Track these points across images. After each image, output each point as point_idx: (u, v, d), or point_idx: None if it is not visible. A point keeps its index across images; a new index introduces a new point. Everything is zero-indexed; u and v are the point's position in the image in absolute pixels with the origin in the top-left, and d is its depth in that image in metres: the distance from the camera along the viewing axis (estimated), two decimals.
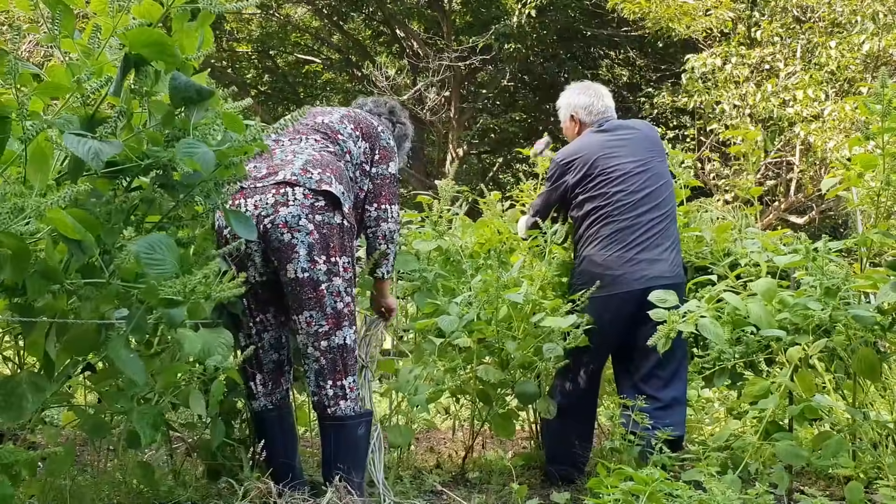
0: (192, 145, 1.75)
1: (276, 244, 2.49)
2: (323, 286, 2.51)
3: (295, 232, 2.47)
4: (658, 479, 1.94)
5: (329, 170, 2.58)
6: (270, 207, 2.48)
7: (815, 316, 2.51)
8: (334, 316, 2.54)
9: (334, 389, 2.55)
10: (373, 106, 3.13)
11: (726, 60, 9.93)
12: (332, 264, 2.52)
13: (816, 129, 9.04)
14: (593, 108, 3.52)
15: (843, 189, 3.09)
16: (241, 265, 2.57)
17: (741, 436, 3.21)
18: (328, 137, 2.74)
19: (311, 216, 2.49)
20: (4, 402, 1.77)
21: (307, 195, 2.49)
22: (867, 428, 2.75)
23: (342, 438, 2.57)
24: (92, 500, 2.56)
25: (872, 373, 2.59)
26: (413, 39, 15.21)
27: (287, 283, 2.54)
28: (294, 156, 2.61)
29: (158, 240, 1.74)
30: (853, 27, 9.44)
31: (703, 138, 11.14)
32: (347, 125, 2.81)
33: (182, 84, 1.79)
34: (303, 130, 2.74)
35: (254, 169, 2.56)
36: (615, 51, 15.96)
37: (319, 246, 2.49)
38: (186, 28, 1.89)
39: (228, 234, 2.54)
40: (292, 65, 16.97)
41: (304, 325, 2.55)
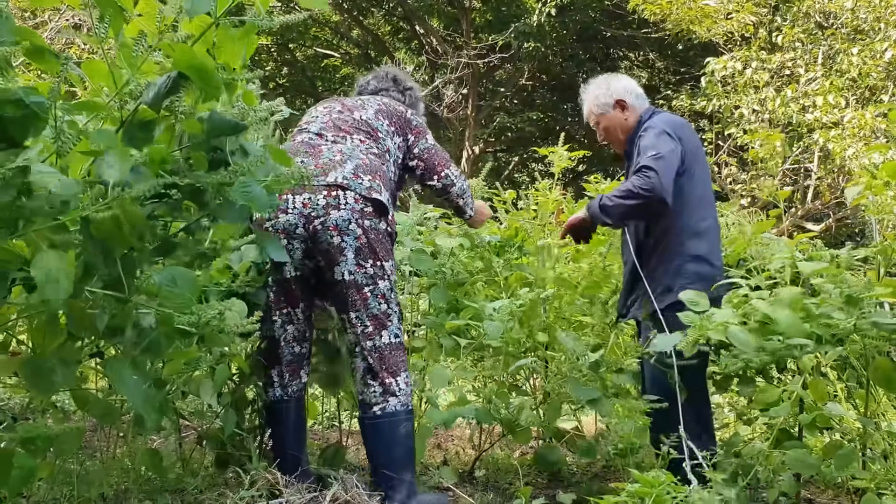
0: (247, 185, 1.78)
1: (325, 246, 2.55)
2: (367, 289, 2.58)
3: (344, 235, 2.53)
4: (664, 482, 1.93)
5: (378, 177, 2.63)
6: (321, 209, 2.52)
7: (841, 326, 2.46)
8: (378, 317, 2.60)
9: (382, 387, 2.58)
10: (376, 83, 3.15)
11: (746, 65, 9.88)
12: (378, 268, 2.59)
13: (836, 136, 8.98)
14: (637, 92, 3.26)
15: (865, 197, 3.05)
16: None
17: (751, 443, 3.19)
18: (370, 137, 2.77)
19: (360, 221, 2.54)
20: (34, 377, 1.81)
21: (357, 200, 2.54)
22: (878, 438, 2.73)
23: (389, 437, 2.58)
24: (100, 485, 2.58)
25: (889, 382, 2.56)
26: (432, 36, 15.20)
27: (333, 283, 2.60)
28: (343, 157, 2.63)
29: (181, 273, 1.77)
30: (876, 34, 9.36)
31: (720, 142, 11.09)
32: (384, 121, 2.83)
33: (217, 122, 1.83)
34: (345, 128, 2.76)
35: (301, 165, 2.57)
36: (635, 52, 15.91)
37: (367, 250, 2.56)
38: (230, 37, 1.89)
39: (270, 226, 2.57)
40: (311, 58, 17.02)
41: (350, 325, 2.62)
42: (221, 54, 1.90)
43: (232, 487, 2.58)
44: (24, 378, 1.85)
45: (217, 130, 1.83)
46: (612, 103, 3.21)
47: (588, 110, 3.31)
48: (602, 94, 3.24)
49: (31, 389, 1.86)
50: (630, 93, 3.23)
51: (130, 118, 1.78)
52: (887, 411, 3.20)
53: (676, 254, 2.94)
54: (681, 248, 2.94)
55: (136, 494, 2.58)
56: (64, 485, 2.54)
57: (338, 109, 2.84)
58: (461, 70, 14.09)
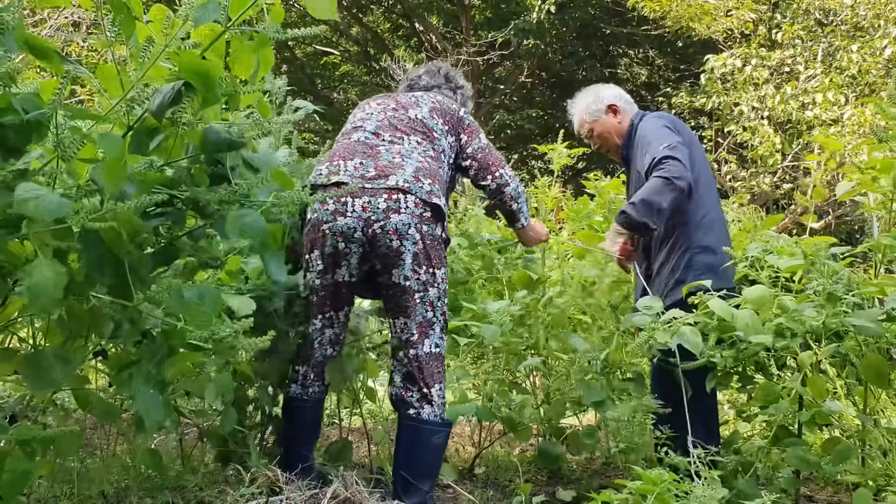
0: (245, 215, 1.78)
1: (384, 250, 2.52)
2: (417, 295, 2.56)
3: (403, 239, 2.50)
4: (667, 479, 1.94)
5: (437, 181, 2.60)
6: (381, 212, 2.49)
7: (807, 323, 2.47)
8: (424, 325, 2.58)
9: (419, 395, 2.57)
10: (428, 79, 3.08)
11: (746, 62, 9.87)
12: (431, 275, 2.57)
13: (835, 133, 8.97)
14: (625, 98, 3.31)
15: (858, 193, 3.06)
16: (336, 262, 2.58)
17: (750, 439, 3.19)
18: (426, 137, 2.71)
19: (419, 226, 2.51)
20: (33, 373, 1.81)
21: (417, 204, 2.51)
22: (877, 435, 2.73)
23: (418, 442, 2.56)
24: (100, 483, 2.58)
25: (880, 379, 2.57)
26: (432, 33, 15.20)
27: (387, 286, 2.58)
28: (402, 159, 2.59)
29: (208, 291, 1.77)
30: (876, 31, 9.36)
31: (720, 140, 11.09)
32: (438, 120, 2.77)
33: (213, 138, 1.82)
34: (402, 128, 2.70)
35: (360, 166, 2.56)
36: (634, 49, 15.90)
37: (423, 256, 2.53)
38: (244, 48, 1.89)
39: (327, 229, 2.54)
40: (311, 56, 17.00)
41: (398, 329, 2.60)
42: (236, 65, 1.90)
43: (232, 485, 2.58)
44: (22, 375, 1.85)
45: (213, 146, 1.83)
46: (604, 109, 3.25)
47: (580, 120, 3.33)
48: (592, 101, 3.28)
49: (28, 386, 1.86)
50: (620, 98, 3.29)
51: (137, 125, 1.78)
52: (886, 408, 3.21)
53: (685, 247, 2.96)
54: (689, 241, 2.96)
55: (137, 492, 2.58)
56: (64, 482, 2.55)
57: (392, 107, 2.78)
58: (461, 67, 14.07)
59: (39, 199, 1.47)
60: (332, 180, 2.55)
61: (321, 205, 2.53)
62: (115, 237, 1.67)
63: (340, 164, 2.58)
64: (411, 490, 2.50)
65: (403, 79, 3.17)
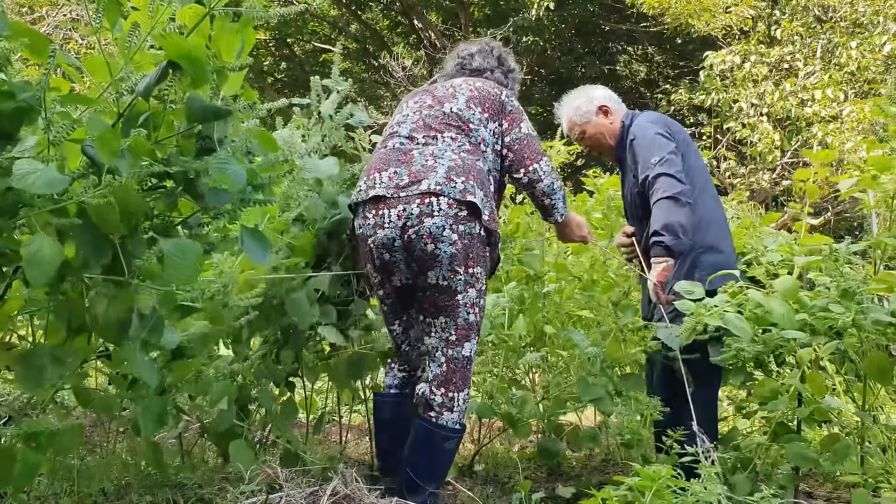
0: (224, 161, 1.76)
1: (419, 253, 2.52)
2: (459, 296, 2.55)
3: (438, 242, 2.49)
4: (665, 475, 1.94)
5: (471, 176, 2.55)
6: (416, 218, 2.49)
7: (839, 320, 2.46)
8: (464, 327, 2.57)
9: (443, 399, 2.56)
10: (480, 60, 2.97)
11: (745, 58, 9.87)
12: (470, 275, 2.55)
13: (834, 129, 8.98)
14: (615, 97, 3.29)
15: (857, 191, 3.06)
16: (388, 271, 2.63)
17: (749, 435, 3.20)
18: (462, 131, 2.66)
19: (454, 226, 2.50)
20: (25, 372, 1.82)
21: (451, 205, 2.49)
22: (876, 432, 2.74)
23: (430, 445, 2.56)
24: (100, 480, 2.58)
25: (883, 376, 2.57)
26: (430, 30, 15.18)
27: (426, 287, 2.58)
28: (435, 161, 2.57)
29: (188, 245, 1.76)
30: (875, 28, 9.35)
31: (719, 136, 11.08)
32: (475, 110, 2.70)
33: (197, 107, 1.81)
34: (435, 126, 2.67)
35: (395, 175, 2.57)
36: (633, 46, 15.90)
37: (461, 256, 2.51)
38: (228, 29, 1.89)
39: (372, 242, 2.58)
40: (309, 53, 16.99)
41: (438, 329, 2.60)
42: (218, 47, 1.90)
43: (232, 482, 2.59)
44: (16, 372, 1.86)
45: (198, 116, 1.81)
46: (595, 110, 3.22)
47: (569, 122, 3.30)
48: (583, 103, 3.25)
49: (21, 385, 1.86)
50: (610, 99, 3.26)
51: (127, 110, 1.78)
52: (886, 405, 3.21)
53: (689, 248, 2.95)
54: (692, 242, 2.94)
55: (137, 489, 2.58)
56: (64, 480, 2.55)
57: (428, 104, 2.74)
58: None
59: (38, 174, 1.49)
60: (370, 195, 2.58)
61: (363, 220, 2.58)
62: (110, 218, 1.68)
63: (376, 177, 2.60)
64: (417, 489, 2.50)
65: (453, 55, 3.05)
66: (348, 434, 3.67)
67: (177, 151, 1.85)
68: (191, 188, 1.88)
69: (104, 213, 1.67)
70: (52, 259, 1.55)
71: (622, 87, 15.64)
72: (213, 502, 2.50)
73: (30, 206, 1.60)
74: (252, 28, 1.94)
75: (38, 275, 1.55)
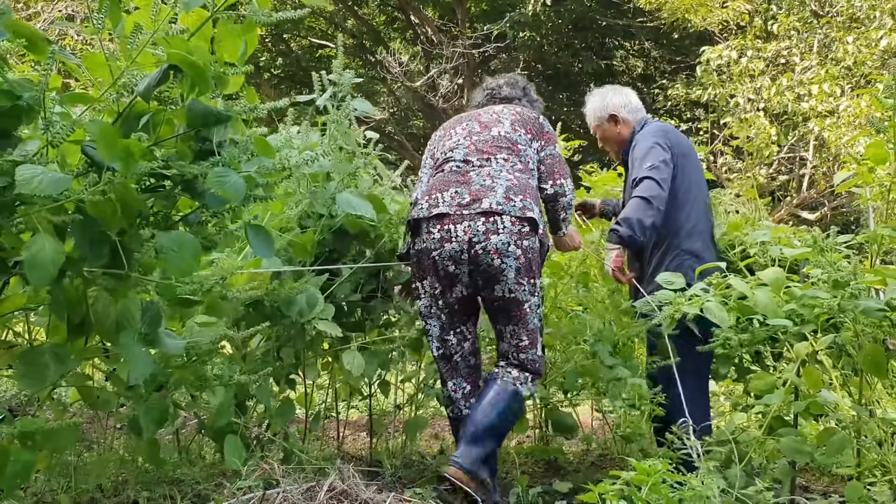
0: (223, 174, 1.77)
1: (486, 268, 2.71)
2: (525, 305, 2.75)
3: (504, 257, 2.69)
4: (661, 469, 1.94)
5: (528, 195, 2.77)
6: (482, 234, 2.69)
7: (825, 305, 2.49)
8: (533, 332, 2.79)
9: (521, 377, 2.76)
10: (509, 90, 3.22)
11: (742, 53, 9.86)
12: (532, 285, 2.75)
13: (831, 124, 8.98)
14: (631, 106, 3.47)
15: (854, 185, 3.07)
16: (451, 282, 2.77)
17: (746, 430, 3.20)
18: (512, 152, 2.87)
19: (518, 242, 2.70)
20: (27, 370, 1.82)
21: (514, 222, 2.70)
22: (872, 426, 2.74)
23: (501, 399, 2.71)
24: (98, 476, 2.58)
25: (879, 369, 2.58)
26: (427, 26, 15.15)
27: (493, 300, 2.77)
28: (493, 181, 2.77)
29: (186, 238, 1.78)
30: (871, 22, 9.35)
31: (715, 131, 11.08)
32: (520, 131, 2.93)
33: (198, 112, 1.82)
34: (487, 149, 2.86)
35: (456, 195, 2.75)
36: (630, 41, 15.88)
37: (524, 269, 2.71)
38: (231, 31, 1.88)
39: (436, 255, 2.74)
40: (306, 49, 16.95)
41: (508, 336, 2.80)
42: (221, 49, 1.90)
43: (229, 478, 2.59)
44: (17, 371, 1.85)
45: (199, 120, 1.82)
46: (606, 117, 3.46)
47: (589, 120, 3.57)
48: (599, 107, 3.48)
49: (21, 383, 1.86)
50: (624, 107, 3.45)
51: (127, 111, 1.78)
52: (882, 398, 3.22)
53: (675, 253, 3.18)
54: (678, 248, 3.18)
55: (134, 485, 2.58)
56: (61, 476, 2.55)
57: (476, 130, 2.94)
58: (456, 60, 14.06)
59: (40, 176, 1.51)
60: (433, 213, 2.75)
61: (427, 235, 2.75)
62: (108, 215, 1.68)
63: (438, 197, 2.78)
64: (477, 442, 2.62)
65: (482, 88, 3.29)
66: (346, 430, 3.68)
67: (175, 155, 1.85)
68: (189, 188, 1.88)
69: (103, 209, 1.68)
70: (54, 259, 1.57)
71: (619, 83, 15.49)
72: (210, 498, 2.51)
73: (29, 205, 1.61)
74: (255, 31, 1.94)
75: (40, 275, 1.56)
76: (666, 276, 2.83)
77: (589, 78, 15.54)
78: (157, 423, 2.25)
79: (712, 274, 2.82)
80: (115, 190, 1.63)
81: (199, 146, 1.89)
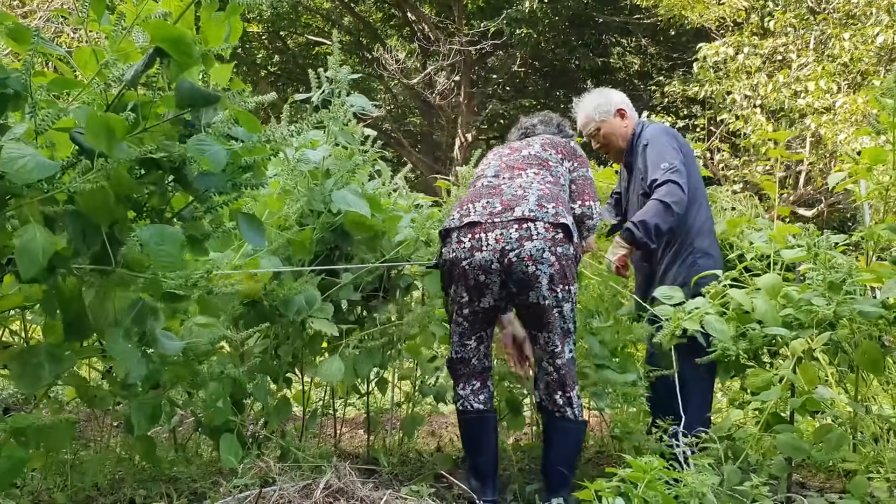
0: (203, 142, 1.75)
1: (520, 275, 2.68)
2: (556, 311, 2.72)
3: (538, 264, 2.66)
4: (656, 467, 1.94)
5: (560, 203, 2.77)
6: (515, 242, 2.67)
7: (821, 313, 2.51)
8: (565, 335, 2.77)
9: (563, 399, 2.76)
10: (543, 127, 3.23)
11: (739, 50, 9.86)
12: (566, 292, 2.72)
13: (827, 121, 8.98)
14: (630, 105, 3.52)
15: (851, 183, 3.07)
16: (479, 292, 2.75)
17: (742, 426, 3.21)
18: (542, 167, 2.91)
19: (553, 248, 2.67)
20: (22, 371, 1.81)
21: (548, 228, 2.68)
22: (868, 422, 2.75)
23: (566, 440, 2.78)
24: (94, 474, 2.58)
25: (875, 366, 2.59)
26: (424, 23, 15.14)
27: (527, 306, 2.75)
28: (524, 191, 2.79)
29: (169, 232, 1.76)
30: (868, 19, 9.35)
31: (712, 128, 11.09)
32: (551, 151, 2.98)
33: (187, 90, 1.80)
34: (517, 165, 2.92)
35: (488, 205, 2.76)
36: (627, 38, 15.88)
37: (559, 276, 2.69)
38: (214, 17, 1.88)
39: (467, 264, 2.72)
40: (303, 46, 16.93)
41: (542, 342, 2.78)
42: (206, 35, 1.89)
43: (226, 476, 2.59)
44: (12, 371, 1.85)
45: (187, 100, 1.80)
46: (614, 111, 3.46)
47: (587, 118, 3.52)
48: (603, 102, 3.48)
49: (17, 384, 1.85)
50: (626, 104, 3.49)
51: (116, 101, 1.77)
52: (878, 395, 3.22)
53: (688, 251, 3.23)
54: (691, 247, 3.23)
55: (130, 483, 2.58)
56: (57, 474, 2.54)
57: (507, 153, 3.01)
58: (453, 57, 14.05)
59: (28, 158, 1.47)
60: (464, 222, 2.75)
61: (458, 244, 2.74)
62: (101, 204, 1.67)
63: (470, 207, 2.79)
64: (566, 482, 2.69)
65: (516, 127, 3.32)
66: (342, 427, 3.68)
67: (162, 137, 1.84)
68: (179, 176, 1.87)
69: (95, 198, 1.66)
70: (45, 248, 1.55)
71: (616, 80, 15.63)
72: (207, 496, 2.50)
73: (19, 196, 1.59)
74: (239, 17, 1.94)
75: (30, 264, 1.54)
76: (664, 291, 2.87)
77: (586, 75, 15.55)
78: (150, 419, 2.25)
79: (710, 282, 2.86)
80: (106, 177, 1.62)
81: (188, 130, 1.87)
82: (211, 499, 2.40)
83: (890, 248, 3.13)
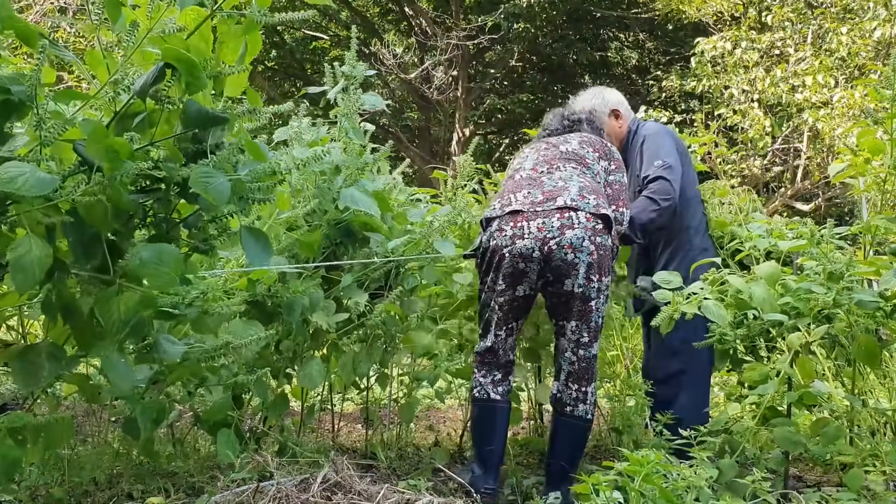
0: (208, 174, 1.73)
1: (559, 262, 2.69)
2: (592, 302, 2.73)
3: (578, 252, 2.68)
4: (654, 460, 1.94)
5: (601, 196, 2.81)
6: (556, 230, 2.68)
7: (819, 300, 2.51)
8: (595, 330, 2.77)
9: (577, 393, 2.77)
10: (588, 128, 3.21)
11: (736, 45, 9.86)
12: (601, 283, 2.74)
13: (825, 115, 8.98)
14: (625, 104, 3.53)
15: (849, 175, 3.07)
16: (516, 280, 2.77)
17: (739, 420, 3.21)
18: (580, 164, 2.94)
19: (592, 238, 2.69)
20: (21, 369, 1.80)
21: (589, 218, 2.70)
22: (865, 415, 2.75)
23: (571, 436, 2.79)
24: (92, 470, 2.58)
25: (872, 360, 2.59)
26: (421, 17, 15.11)
27: (560, 294, 2.75)
28: (565, 182, 2.81)
29: (168, 251, 1.74)
30: (865, 13, 9.35)
31: (710, 123, 11.08)
32: (588, 149, 3.00)
33: (194, 112, 1.79)
34: (555, 161, 2.93)
35: (529, 195, 2.79)
36: (625, 33, 15.85)
37: (596, 266, 2.70)
38: (232, 31, 1.86)
39: (507, 252, 2.73)
40: (300, 40, 16.88)
41: (570, 332, 2.77)
42: (223, 50, 1.88)
43: (224, 470, 2.59)
44: (12, 369, 1.84)
45: (194, 122, 1.80)
46: (608, 112, 3.47)
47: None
48: (598, 102, 3.48)
49: (17, 382, 1.85)
50: (621, 104, 3.51)
51: (123, 110, 1.76)
52: (875, 388, 3.23)
53: (686, 249, 3.26)
54: (689, 244, 3.26)
55: (128, 478, 2.58)
56: (55, 470, 2.54)
57: (544, 147, 3.03)
58: (451, 52, 14.02)
59: (26, 175, 1.47)
60: (506, 211, 2.78)
61: (499, 232, 2.76)
62: (100, 216, 1.66)
63: (511, 198, 2.82)
64: (568, 477, 2.67)
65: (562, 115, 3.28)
66: (341, 422, 3.68)
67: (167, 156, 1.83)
68: (183, 190, 1.86)
69: (93, 210, 1.66)
70: (40, 262, 1.52)
71: (614, 74, 15.62)
72: (204, 490, 2.51)
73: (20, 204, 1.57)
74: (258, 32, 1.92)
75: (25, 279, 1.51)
76: (663, 276, 2.86)
77: (583, 69, 15.54)
78: (156, 422, 2.25)
79: (708, 270, 2.85)
80: (104, 191, 1.61)
81: (194, 148, 1.87)
82: (208, 493, 2.41)
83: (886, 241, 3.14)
